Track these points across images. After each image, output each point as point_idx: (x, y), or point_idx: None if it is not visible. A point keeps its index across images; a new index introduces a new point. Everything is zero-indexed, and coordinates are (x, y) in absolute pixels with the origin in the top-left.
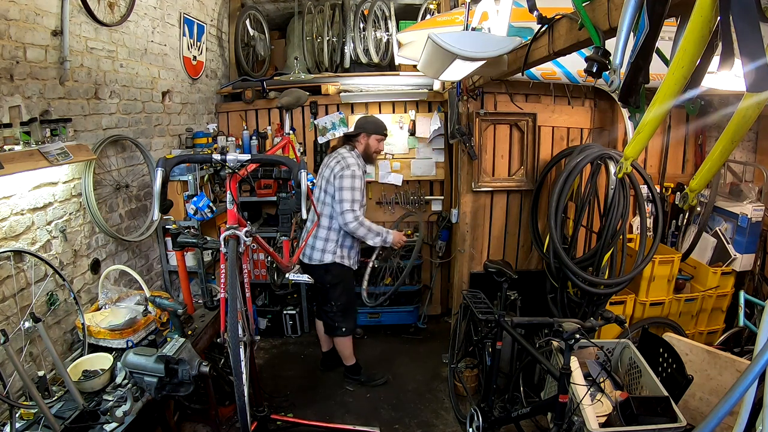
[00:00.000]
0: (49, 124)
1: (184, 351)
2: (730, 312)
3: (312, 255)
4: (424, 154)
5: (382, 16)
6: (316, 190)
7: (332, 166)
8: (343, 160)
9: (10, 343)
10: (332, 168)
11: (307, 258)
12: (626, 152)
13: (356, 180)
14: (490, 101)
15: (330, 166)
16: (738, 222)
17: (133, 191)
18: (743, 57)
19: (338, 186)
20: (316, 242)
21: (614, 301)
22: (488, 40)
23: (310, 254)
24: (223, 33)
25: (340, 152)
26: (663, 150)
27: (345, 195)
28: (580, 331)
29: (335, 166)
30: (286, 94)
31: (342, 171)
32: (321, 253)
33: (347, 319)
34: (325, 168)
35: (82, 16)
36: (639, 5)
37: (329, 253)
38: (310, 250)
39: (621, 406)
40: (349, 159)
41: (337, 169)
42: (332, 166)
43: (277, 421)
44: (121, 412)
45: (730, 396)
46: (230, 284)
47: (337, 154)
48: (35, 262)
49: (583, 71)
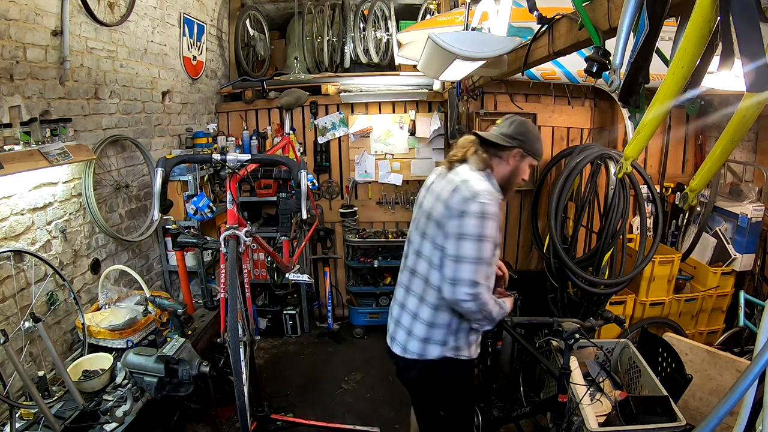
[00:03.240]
0: (49, 124)
1: (184, 351)
2: (730, 312)
3: (408, 344)
4: (424, 154)
5: (382, 16)
6: (412, 228)
7: (443, 193)
8: (465, 185)
9: (10, 343)
10: (444, 198)
11: (399, 346)
12: (626, 152)
13: (488, 223)
14: (490, 101)
15: (436, 193)
16: (738, 222)
17: (133, 191)
18: (743, 57)
19: (457, 232)
20: (415, 325)
21: (614, 301)
22: (488, 40)
23: (404, 342)
24: (223, 33)
25: (462, 171)
26: (663, 150)
27: (466, 251)
28: (579, 331)
29: (452, 196)
30: (286, 94)
31: (465, 205)
32: (422, 344)
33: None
34: (428, 193)
35: (82, 16)
36: (639, 5)
37: (436, 345)
38: (405, 336)
39: (620, 405)
40: (476, 184)
41: (456, 200)
42: (443, 196)
43: (277, 421)
44: (121, 412)
45: (730, 396)
46: (230, 284)
47: (456, 174)
48: (35, 262)
49: (583, 71)
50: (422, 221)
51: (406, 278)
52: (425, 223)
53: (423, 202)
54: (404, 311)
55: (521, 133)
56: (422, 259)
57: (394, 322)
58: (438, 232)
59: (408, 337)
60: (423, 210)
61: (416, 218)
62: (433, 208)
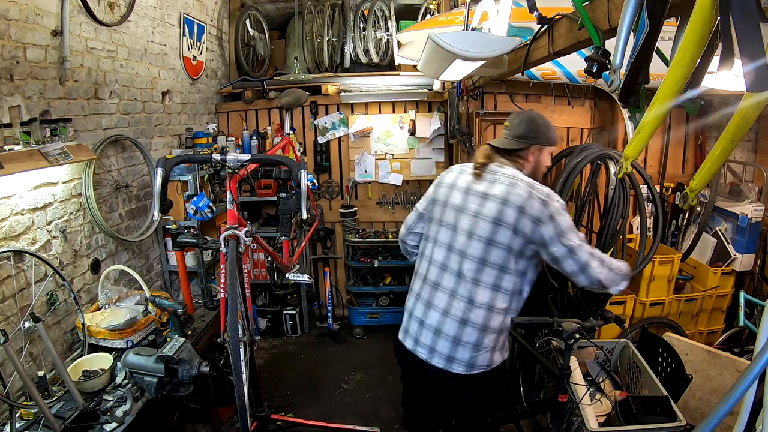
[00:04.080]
0: (49, 124)
1: (184, 351)
2: (730, 312)
3: (455, 353)
4: (424, 154)
5: (382, 16)
6: (439, 228)
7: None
8: (531, 188)
9: (10, 343)
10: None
11: (442, 358)
12: (626, 152)
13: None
14: (490, 101)
15: (481, 192)
16: (738, 222)
17: (133, 191)
18: (743, 57)
19: (556, 233)
20: (465, 331)
21: (614, 301)
22: (488, 40)
23: (450, 351)
24: (223, 33)
25: (506, 173)
26: (663, 150)
27: (572, 241)
28: (579, 331)
29: (528, 203)
30: (286, 94)
31: (548, 208)
32: (475, 351)
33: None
34: (466, 194)
35: (82, 16)
36: (639, 5)
37: (496, 351)
38: (451, 346)
39: (620, 405)
40: (540, 187)
41: (537, 207)
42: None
43: (277, 421)
44: (121, 412)
45: (730, 396)
46: (230, 284)
47: (507, 177)
48: (35, 262)
49: (583, 71)
50: (465, 221)
51: (448, 281)
52: (472, 223)
53: (458, 203)
54: (457, 322)
55: (533, 130)
56: (469, 259)
57: (432, 332)
58: (501, 232)
59: (453, 345)
60: (464, 210)
61: (444, 219)
62: (483, 208)
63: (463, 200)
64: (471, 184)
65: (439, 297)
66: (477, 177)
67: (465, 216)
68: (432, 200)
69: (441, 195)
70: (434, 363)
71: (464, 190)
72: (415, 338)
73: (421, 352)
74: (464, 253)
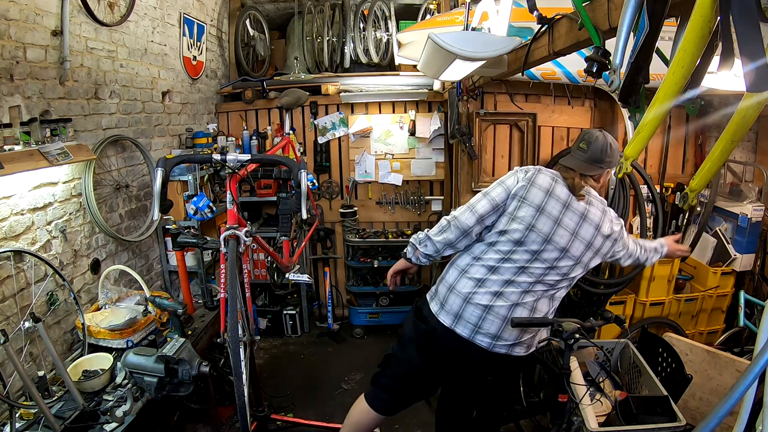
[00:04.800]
0: (49, 124)
1: (184, 351)
2: (730, 312)
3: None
4: (424, 154)
5: (382, 16)
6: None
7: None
8: (609, 213)
9: (10, 343)
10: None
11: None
12: (626, 152)
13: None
14: (490, 101)
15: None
16: (738, 222)
17: (133, 191)
18: (743, 57)
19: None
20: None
21: (614, 301)
22: (488, 40)
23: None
24: (223, 33)
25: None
26: (663, 150)
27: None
28: (579, 331)
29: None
30: (286, 94)
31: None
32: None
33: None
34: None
35: (82, 16)
36: (639, 5)
37: (534, 339)
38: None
39: (620, 405)
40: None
41: (617, 230)
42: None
43: (277, 421)
44: (121, 412)
45: (730, 396)
46: (230, 284)
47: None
48: (35, 262)
49: (583, 71)
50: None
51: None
52: (568, 242)
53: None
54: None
55: (610, 155)
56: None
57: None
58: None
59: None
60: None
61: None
62: (582, 229)
63: (561, 213)
64: (571, 199)
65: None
66: (580, 199)
67: (562, 231)
68: (520, 198)
69: (535, 198)
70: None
71: (563, 203)
72: (474, 325)
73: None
74: (553, 266)
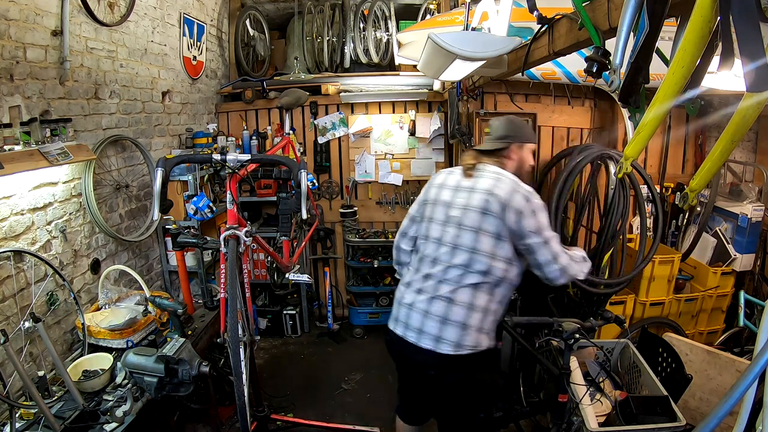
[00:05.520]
0: (49, 124)
1: (184, 351)
2: (730, 312)
3: (443, 332)
4: (424, 154)
5: (382, 16)
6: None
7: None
8: (516, 184)
9: (10, 343)
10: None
11: (431, 339)
12: (626, 152)
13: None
14: (490, 101)
15: (468, 187)
16: (738, 222)
17: (133, 191)
18: (743, 57)
19: (536, 227)
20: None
21: (614, 301)
22: (488, 40)
23: (438, 331)
24: (223, 33)
25: (492, 170)
26: (663, 150)
27: (549, 233)
28: (579, 331)
29: (512, 197)
30: (286, 94)
31: (530, 204)
32: (462, 330)
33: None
34: (455, 191)
35: (82, 16)
36: (639, 5)
37: (482, 334)
38: (439, 326)
39: (620, 405)
40: (523, 184)
41: (520, 201)
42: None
43: (277, 421)
44: (121, 412)
45: (730, 396)
46: (230, 284)
47: (492, 173)
48: (35, 262)
49: (583, 71)
50: (456, 214)
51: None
52: (461, 215)
53: (447, 199)
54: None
55: (510, 129)
56: (460, 250)
57: (421, 314)
58: (488, 221)
59: (444, 326)
60: (452, 204)
61: (435, 215)
62: (471, 200)
63: (452, 196)
64: (460, 181)
65: (429, 284)
66: (468, 176)
67: (454, 209)
68: (423, 202)
69: (431, 195)
70: (422, 344)
71: (453, 187)
72: (405, 323)
73: (410, 336)
74: (455, 244)
